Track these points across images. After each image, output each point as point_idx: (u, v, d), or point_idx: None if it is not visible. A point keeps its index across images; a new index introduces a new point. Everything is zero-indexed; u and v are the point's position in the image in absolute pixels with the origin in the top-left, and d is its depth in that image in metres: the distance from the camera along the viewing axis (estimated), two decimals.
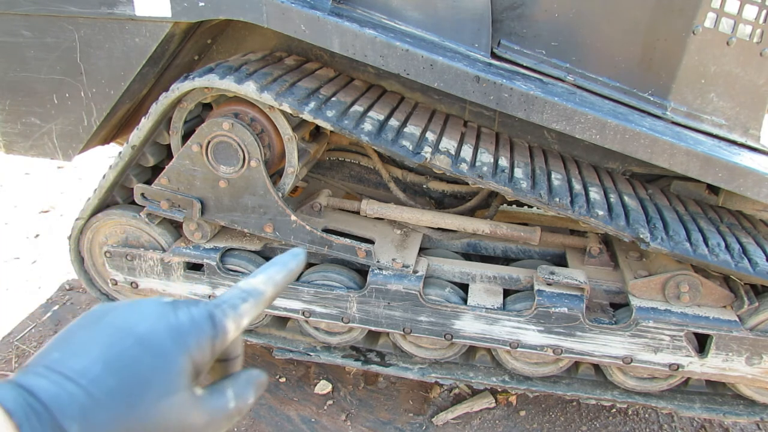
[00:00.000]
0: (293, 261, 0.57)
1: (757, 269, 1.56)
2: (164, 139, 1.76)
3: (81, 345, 0.44)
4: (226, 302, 0.51)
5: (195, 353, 0.46)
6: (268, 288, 0.54)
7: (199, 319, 0.48)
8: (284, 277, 0.56)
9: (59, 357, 0.42)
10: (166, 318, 0.47)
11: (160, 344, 0.45)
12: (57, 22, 1.65)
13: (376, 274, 1.74)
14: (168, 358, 0.44)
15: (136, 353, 0.43)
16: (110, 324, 0.45)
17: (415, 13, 1.74)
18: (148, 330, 0.45)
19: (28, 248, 3.02)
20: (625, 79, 1.76)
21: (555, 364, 1.85)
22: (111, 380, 0.41)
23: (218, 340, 0.49)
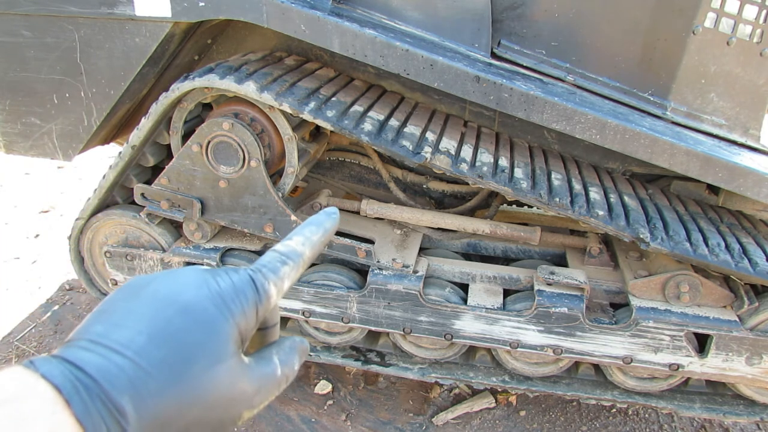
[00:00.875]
0: (328, 220, 0.55)
1: (757, 269, 1.56)
2: (164, 139, 1.76)
3: (123, 316, 0.42)
4: (265, 266, 0.49)
5: (240, 319, 0.45)
6: (305, 249, 0.52)
7: (241, 285, 0.47)
8: (321, 237, 0.54)
9: (102, 330, 0.41)
10: (207, 285, 0.45)
11: (204, 312, 0.44)
12: (57, 22, 1.65)
13: (376, 274, 1.74)
14: (214, 326, 0.43)
15: (180, 322, 0.42)
16: (151, 294, 0.44)
17: (415, 13, 1.74)
18: (191, 298, 0.44)
19: (28, 248, 3.02)
20: (625, 79, 1.76)
21: (555, 364, 1.85)
22: (158, 351, 0.40)
23: (262, 305, 0.48)
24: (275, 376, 0.48)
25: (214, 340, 0.43)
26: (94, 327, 0.42)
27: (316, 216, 0.55)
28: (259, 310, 0.47)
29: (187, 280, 0.46)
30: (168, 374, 0.40)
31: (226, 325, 0.44)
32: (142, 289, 0.45)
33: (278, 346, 0.51)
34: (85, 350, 0.40)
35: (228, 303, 0.45)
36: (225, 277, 0.47)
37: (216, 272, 0.47)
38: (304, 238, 0.53)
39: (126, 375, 0.39)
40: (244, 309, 0.46)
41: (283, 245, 0.52)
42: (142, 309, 0.43)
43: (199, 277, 0.46)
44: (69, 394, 0.36)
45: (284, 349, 0.50)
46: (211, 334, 0.43)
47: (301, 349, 0.52)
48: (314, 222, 0.55)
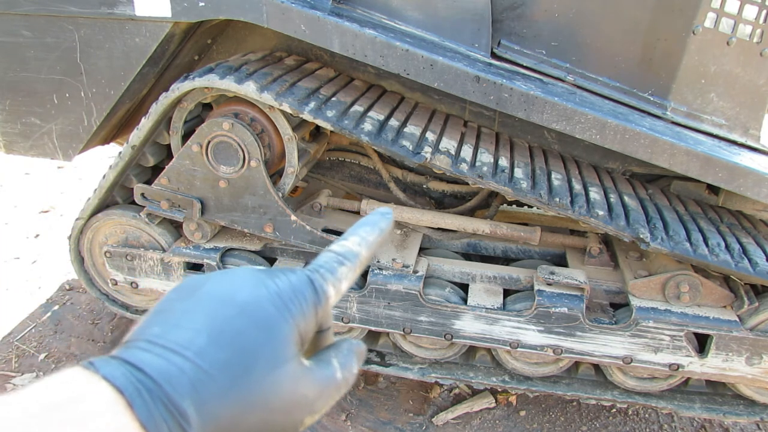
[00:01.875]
0: (383, 220, 0.54)
1: (757, 269, 1.56)
2: (164, 139, 1.76)
3: (181, 317, 0.41)
4: (323, 266, 0.48)
5: (299, 321, 0.44)
6: (362, 250, 0.50)
7: (299, 285, 0.45)
8: (376, 237, 0.52)
9: (161, 331, 0.40)
10: (265, 285, 0.44)
11: (264, 313, 0.42)
12: (57, 22, 1.65)
13: (376, 274, 1.74)
14: (274, 327, 0.42)
15: (240, 323, 0.41)
16: (208, 294, 0.43)
17: (415, 13, 1.74)
18: (250, 298, 0.43)
19: (28, 248, 3.02)
20: (625, 79, 1.76)
21: (555, 364, 1.85)
22: (219, 352, 0.39)
23: (321, 307, 0.46)
24: (335, 380, 0.46)
25: (274, 342, 0.42)
26: (152, 328, 0.41)
27: (371, 216, 0.54)
28: (318, 312, 0.46)
29: (243, 280, 0.45)
30: (230, 376, 0.39)
31: (286, 327, 0.43)
32: (198, 288, 0.44)
33: (336, 348, 0.49)
34: (145, 351, 0.39)
35: (287, 304, 0.44)
36: (282, 277, 0.46)
37: (272, 272, 0.46)
38: (360, 238, 0.51)
39: (187, 377, 0.38)
40: (304, 310, 0.45)
41: (339, 245, 0.50)
42: (199, 309, 0.42)
43: (256, 277, 0.45)
44: (131, 396, 0.36)
45: (342, 352, 0.49)
46: (272, 336, 0.42)
47: (358, 351, 0.50)
48: (369, 222, 0.53)
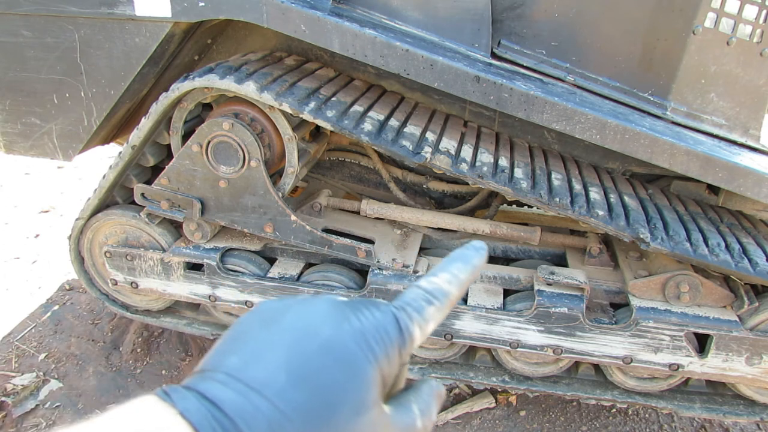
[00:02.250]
0: (477, 256, 0.50)
1: (757, 269, 1.56)
2: (164, 139, 1.76)
3: (261, 349, 0.39)
4: (410, 305, 0.44)
5: (383, 363, 0.41)
6: (453, 288, 0.47)
7: (384, 324, 0.42)
8: (468, 275, 0.49)
9: (239, 363, 0.39)
10: (348, 321, 0.41)
11: (346, 351, 0.39)
12: (57, 22, 1.65)
13: (376, 274, 1.74)
14: (357, 369, 0.39)
15: (322, 362, 0.39)
16: (289, 325, 0.41)
17: (415, 13, 1.74)
18: (332, 334, 0.40)
19: (28, 248, 3.02)
20: (625, 79, 1.76)
21: (555, 364, 1.85)
22: (299, 393, 0.37)
23: (405, 349, 0.43)
24: (415, 428, 0.43)
25: (357, 386, 0.39)
26: (230, 358, 0.39)
27: (464, 251, 0.51)
28: (402, 354, 0.43)
29: (326, 313, 0.42)
30: (308, 422, 0.37)
31: (370, 369, 0.40)
32: (279, 317, 0.42)
33: (416, 392, 0.46)
34: (223, 385, 0.37)
35: (371, 343, 0.41)
36: (367, 313, 0.43)
37: (356, 306, 0.43)
38: (451, 275, 0.48)
39: (265, 418, 0.36)
40: (388, 352, 0.41)
41: (428, 282, 0.47)
42: (280, 341, 0.40)
43: (339, 311, 0.42)
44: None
45: (422, 397, 0.46)
46: (355, 379, 0.39)
47: (438, 395, 0.47)
48: (461, 258, 0.50)
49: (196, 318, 2.09)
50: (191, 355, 2.24)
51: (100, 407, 2.00)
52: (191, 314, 2.10)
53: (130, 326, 2.33)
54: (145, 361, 2.20)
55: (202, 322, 2.07)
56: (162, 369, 2.18)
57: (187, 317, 2.09)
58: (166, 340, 2.29)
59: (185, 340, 2.29)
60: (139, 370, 2.16)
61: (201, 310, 2.09)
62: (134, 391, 2.07)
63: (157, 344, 2.28)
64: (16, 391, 2.02)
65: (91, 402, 2.02)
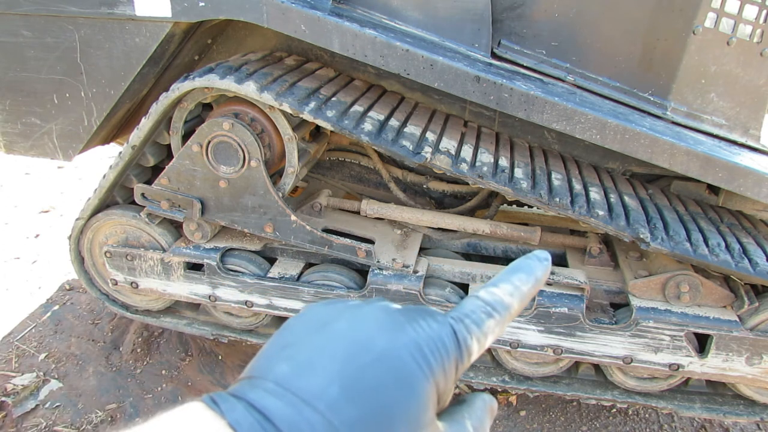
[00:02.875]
0: (540, 268, 0.47)
1: (757, 269, 1.56)
2: (164, 139, 1.76)
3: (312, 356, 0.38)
4: (469, 317, 0.42)
5: (439, 377, 0.39)
6: (514, 301, 0.44)
7: (441, 336, 0.40)
8: (531, 287, 0.46)
9: (290, 372, 0.37)
10: (404, 332, 0.39)
11: (402, 365, 0.38)
12: (57, 22, 1.65)
13: (376, 274, 1.74)
14: (414, 384, 0.37)
15: (376, 375, 0.37)
16: (341, 333, 0.39)
17: (415, 13, 1.74)
18: (388, 346, 0.38)
19: (28, 248, 3.02)
20: (625, 79, 1.76)
21: (555, 364, 1.85)
22: (352, 408, 0.35)
23: (462, 363, 0.41)
24: None
25: (414, 403, 0.37)
26: (280, 366, 0.38)
27: (527, 261, 0.47)
28: (459, 369, 0.41)
29: (380, 322, 0.40)
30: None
31: (426, 385, 0.38)
32: (329, 324, 0.40)
33: (469, 407, 0.44)
34: (273, 396, 0.36)
35: (428, 357, 0.39)
36: (423, 323, 0.41)
37: (411, 315, 0.41)
38: (513, 287, 0.45)
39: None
40: (444, 366, 0.39)
41: (488, 293, 0.44)
42: (332, 351, 0.38)
43: (393, 320, 0.40)
44: None
45: (476, 412, 0.44)
46: (411, 395, 0.37)
47: (491, 409, 0.45)
48: (525, 269, 0.46)
49: (196, 318, 2.09)
50: (191, 355, 2.24)
51: (100, 407, 2.00)
52: (191, 314, 2.10)
53: (130, 326, 2.33)
54: (145, 361, 2.20)
55: (202, 322, 2.07)
56: (162, 369, 2.18)
57: (187, 317, 2.09)
58: (166, 340, 2.29)
59: (185, 340, 2.29)
60: (139, 370, 2.16)
61: (201, 310, 2.09)
62: (134, 391, 2.07)
63: (157, 344, 2.28)
64: (16, 391, 2.02)
65: (91, 402, 2.02)
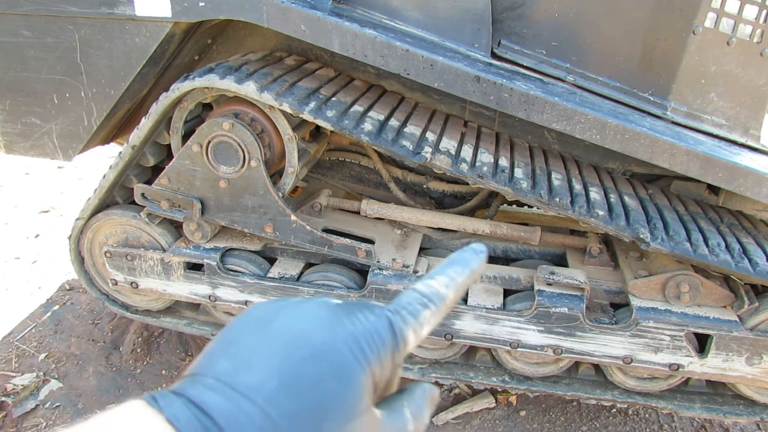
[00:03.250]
0: (475, 259, 0.49)
1: (757, 269, 1.56)
2: (164, 139, 1.76)
3: (251, 354, 0.39)
4: (405, 308, 0.44)
5: (376, 368, 0.41)
6: (449, 292, 0.46)
7: (378, 328, 0.42)
8: (466, 278, 0.48)
9: (229, 368, 0.38)
10: (342, 326, 0.41)
11: (339, 358, 0.39)
12: (57, 22, 1.65)
13: (376, 274, 1.74)
14: (349, 375, 0.39)
15: (314, 368, 0.38)
16: (281, 330, 0.40)
17: (415, 13, 1.74)
18: (325, 340, 0.40)
19: (28, 248, 3.02)
20: (625, 79, 1.76)
21: (555, 364, 1.85)
22: (289, 401, 0.37)
23: (398, 353, 0.42)
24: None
25: (349, 393, 0.39)
26: (220, 362, 0.39)
27: (463, 253, 0.49)
28: (395, 358, 0.42)
29: (319, 317, 0.42)
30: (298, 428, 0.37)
31: (362, 375, 0.40)
32: (270, 321, 0.41)
33: (408, 395, 0.46)
34: (212, 391, 0.37)
35: (364, 348, 0.40)
36: (360, 316, 0.42)
37: (349, 309, 0.43)
38: (448, 279, 0.47)
39: (255, 426, 0.36)
40: (381, 357, 0.41)
41: (425, 285, 0.46)
42: (271, 347, 0.39)
43: (332, 314, 0.42)
44: None
45: (415, 400, 0.46)
46: (346, 386, 0.39)
47: (431, 398, 0.47)
48: (460, 261, 0.49)
49: (196, 318, 2.09)
50: (191, 355, 2.24)
51: (100, 407, 2.00)
52: (191, 314, 2.10)
53: (130, 326, 2.33)
54: (145, 361, 2.20)
55: (202, 322, 2.07)
56: (162, 369, 2.18)
57: (187, 317, 2.09)
58: (166, 340, 2.29)
59: (185, 340, 2.29)
60: (139, 370, 2.16)
61: (201, 310, 2.09)
62: (134, 391, 2.07)
63: (157, 344, 2.28)
64: (16, 391, 2.02)
65: (91, 402, 2.02)
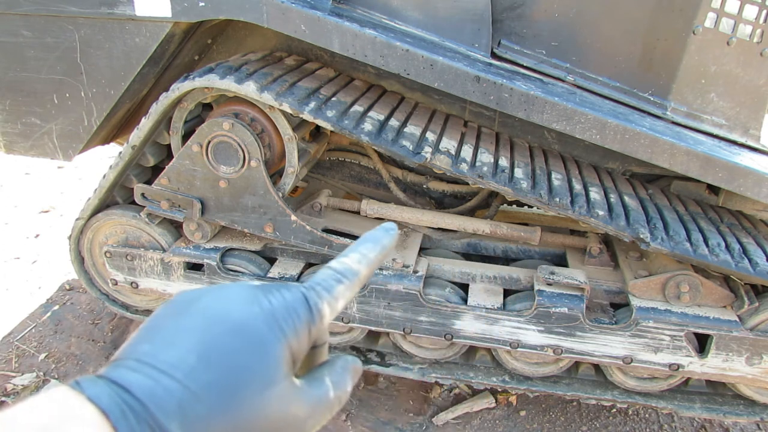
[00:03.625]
0: (386, 237, 0.52)
1: (757, 269, 1.56)
2: (164, 139, 1.76)
3: (171, 335, 0.41)
4: (319, 284, 0.47)
5: (292, 340, 0.43)
6: (362, 267, 0.49)
7: (293, 304, 0.45)
8: (378, 254, 0.51)
9: (150, 349, 0.40)
10: (258, 303, 0.44)
11: (255, 332, 0.42)
12: (57, 22, 1.65)
13: (376, 274, 1.74)
14: (265, 347, 0.42)
15: (231, 342, 0.41)
16: (200, 311, 0.43)
17: (415, 13, 1.74)
18: (242, 316, 0.42)
19: (28, 248, 3.02)
20: (625, 79, 1.76)
21: (555, 364, 1.85)
22: (208, 373, 0.39)
23: (315, 326, 0.45)
24: (328, 399, 0.46)
25: (265, 363, 0.41)
26: (142, 346, 0.40)
27: (374, 232, 0.53)
28: (312, 331, 0.45)
29: (237, 297, 0.44)
30: (218, 399, 0.38)
31: (278, 347, 0.42)
32: (190, 305, 0.43)
33: (330, 366, 0.49)
34: (133, 371, 0.38)
35: (280, 323, 0.43)
36: (277, 294, 0.45)
37: (267, 289, 0.46)
38: (360, 255, 0.50)
39: (175, 399, 0.37)
40: (297, 329, 0.44)
41: (338, 262, 0.49)
42: (190, 327, 0.41)
43: (250, 294, 0.44)
44: (116, 419, 0.35)
45: (336, 370, 0.49)
46: (263, 356, 0.41)
47: (353, 369, 0.50)
48: (371, 239, 0.52)
49: None
50: None
51: None
52: None
53: (130, 326, 2.33)
54: None
55: None
56: None
57: None
58: None
59: None
60: None
61: None
62: None
63: None
64: (16, 391, 2.02)
65: None
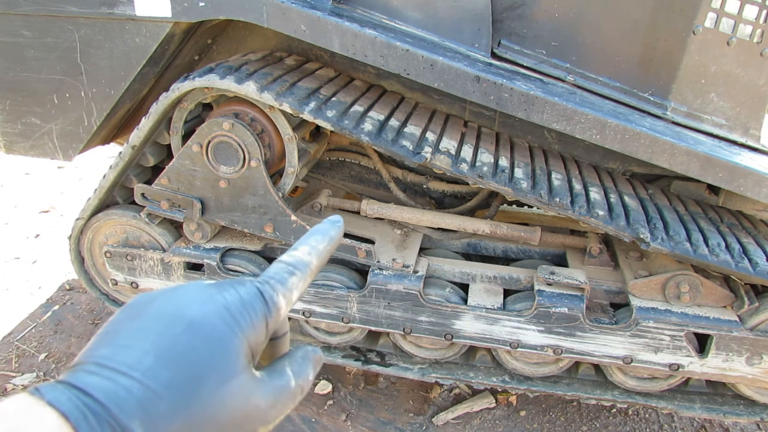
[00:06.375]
0: (333, 229, 0.55)
1: (757, 269, 1.56)
2: (164, 139, 1.76)
3: (129, 337, 0.41)
4: (273, 277, 0.49)
5: (249, 334, 0.44)
6: (312, 259, 0.52)
7: (248, 298, 0.46)
8: (326, 246, 0.53)
9: (108, 352, 0.40)
10: (213, 300, 0.44)
11: (212, 328, 0.42)
12: (57, 22, 1.65)
13: (376, 274, 1.74)
14: (222, 342, 0.42)
15: (188, 340, 0.41)
16: (156, 312, 0.43)
17: (415, 13, 1.74)
18: (197, 314, 0.43)
19: (28, 248, 3.02)
20: (626, 79, 1.76)
21: (555, 364, 1.85)
22: (166, 371, 0.39)
23: (271, 318, 0.47)
24: (289, 389, 0.47)
25: (223, 357, 0.42)
26: (100, 350, 0.41)
27: (321, 225, 0.55)
28: (269, 323, 0.47)
29: (192, 296, 0.45)
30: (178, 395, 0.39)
31: (236, 340, 0.43)
32: (146, 307, 0.44)
33: (290, 357, 0.50)
34: (92, 374, 0.39)
35: (236, 317, 0.44)
36: (231, 290, 0.46)
37: (221, 286, 0.46)
38: (310, 247, 0.52)
39: (135, 398, 0.38)
40: (253, 322, 0.45)
41: (289, 256, 0.51)
42: (147, 328, 0.42)
43: (204, 292, 0.45)
44: (77, 421, 0.35)
45: (297, 360, 0.50)
46: (220, 351, 0.42)
47: (314, 358, 0.51)
48: (319, 231, 0.54)
49: None
50: None
51: None
52: None
53: None
54: None
55: None
56: None
57: None
58: None
59: None
60: None
61: None
62: None
63: None
64: (16, 391, 2.02)
65: None
